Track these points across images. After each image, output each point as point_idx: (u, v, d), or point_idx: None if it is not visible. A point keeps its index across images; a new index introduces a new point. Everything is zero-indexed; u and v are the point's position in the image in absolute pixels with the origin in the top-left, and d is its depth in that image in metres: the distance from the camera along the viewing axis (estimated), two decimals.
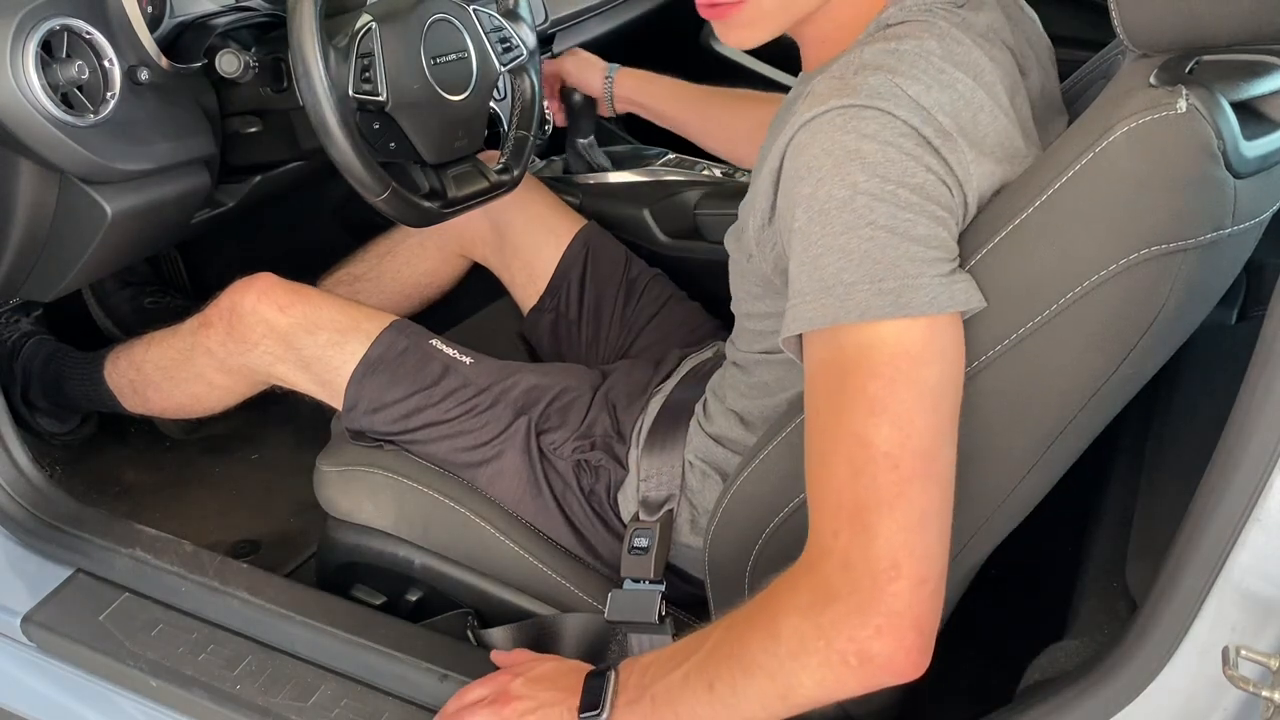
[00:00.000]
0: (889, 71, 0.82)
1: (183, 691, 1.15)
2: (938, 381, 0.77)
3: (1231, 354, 0.87)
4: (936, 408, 0.77)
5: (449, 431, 1.22)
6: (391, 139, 1.26)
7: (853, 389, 0.76)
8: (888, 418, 0.74)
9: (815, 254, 0.80)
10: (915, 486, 0.74)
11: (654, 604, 1.07)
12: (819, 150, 0.80)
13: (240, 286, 1.31)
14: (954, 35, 0.87)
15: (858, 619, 0.74)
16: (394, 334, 1.27)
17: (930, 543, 0.75)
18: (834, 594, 0.75)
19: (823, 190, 0.79)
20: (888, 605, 0.73)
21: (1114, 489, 1.14)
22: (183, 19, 1.30)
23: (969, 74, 0.85)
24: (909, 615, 0.74)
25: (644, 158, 1.75)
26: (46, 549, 1.28)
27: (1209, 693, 0.79)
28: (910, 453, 0.74)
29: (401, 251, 1.62)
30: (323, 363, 1.27)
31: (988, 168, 0.85)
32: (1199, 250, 0.79)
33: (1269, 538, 0.74)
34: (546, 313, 1.52)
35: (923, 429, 0.75)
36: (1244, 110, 0.79)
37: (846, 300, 0.77)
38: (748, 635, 0.81)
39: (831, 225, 0.79)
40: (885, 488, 0.74)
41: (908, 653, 0.75)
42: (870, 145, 0.79)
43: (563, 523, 1.19)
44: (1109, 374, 0.84)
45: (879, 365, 0.76)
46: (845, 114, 0.80)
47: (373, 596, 1.28)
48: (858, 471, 0.75)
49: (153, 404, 1.49)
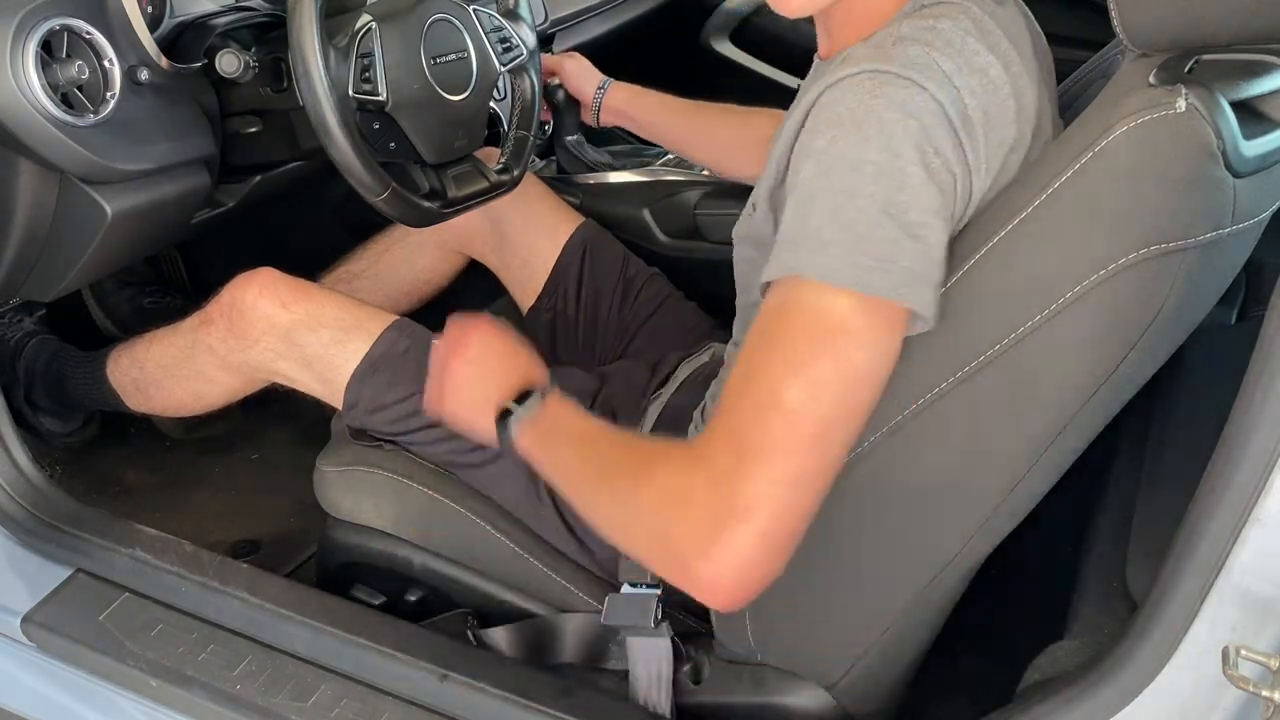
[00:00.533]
0: (926, 45, 0.83)
1: (183, 691, 1.15)
2: (863, 367, 0.79)
3: (1231, 354, 0.87)
4: (852, 391, 0.79)
5: (449, 433, 1.22)
6: (391, 139, 1.26)
7: (786, 340, 0.79)
8: (803, 381, 0.77)
9: (808, 207, 0.81)
10: (802, 449, 0.78)
11: (651, 607, 1.07)
12: (843, 109, 0.81)
13: (241, 282, 1.31)
14: (986, 24, 0.87)
15: (697, 534, 0.78)
16: (396, 333, 1.26)
17: (791, 504, 0.78)
18: (692, 501, 0.79)
19: (835, 148, 0.80)
20: (726, 540, 0.77)
21: (1114, 489, 1.14)
22: (183, 19, 1.30)
23: (1000, 61, 0.86)
24: (738, 559, 0.77)
25: (644, 157, 1.75)
26: (46, 549, 1.28)
27: (1209, 693, 0.79)
28: (810, 419, 0.77)
29: (399, 249, 1.61)
30: (324, 361, 1.27)
31: (1001, 159, 0.85)
32: (1198, 250, 0.79)
33: (1269, 538, 0.74)
34: (544, 312, 1.51)
35: (830, 403, 0.78)
36: (1243, 110, 0.80)
37: (817, 256, 0.79)
38: (629, 462, 0.87)
39: (832, 183, 0.80)
40: (776, 440, 0.77)
41: (719, 588, 0.79)
42: (893, 115, 0.79)
43: (561, 527, 1.19)
44: (1108, 373, 0.83)
45: (817, 330, 0.78)
46: (876, 79, 0.81)
47: (373, 596, 1.28)
48: (759, 414, 0.78)
49: (155, 402, 1.49)
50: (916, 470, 0.91)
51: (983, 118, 0.83)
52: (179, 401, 1.46)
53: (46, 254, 1.28)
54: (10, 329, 1.64)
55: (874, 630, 1.00)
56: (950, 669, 1.19)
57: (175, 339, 1.41)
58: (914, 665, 1.08)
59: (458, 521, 1.21)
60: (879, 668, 1.03)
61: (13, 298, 1.38)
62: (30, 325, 1.65)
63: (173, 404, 1.47)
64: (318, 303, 1.29)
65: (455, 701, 1.07)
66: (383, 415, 1.24)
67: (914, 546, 0.96)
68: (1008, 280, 0.83)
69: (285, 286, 1.30)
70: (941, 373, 0.86)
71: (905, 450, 0.90)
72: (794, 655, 1.05)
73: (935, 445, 0.89)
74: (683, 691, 1.09)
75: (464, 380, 1.05)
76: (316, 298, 1.30)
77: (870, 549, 0.97)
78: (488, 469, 1.21)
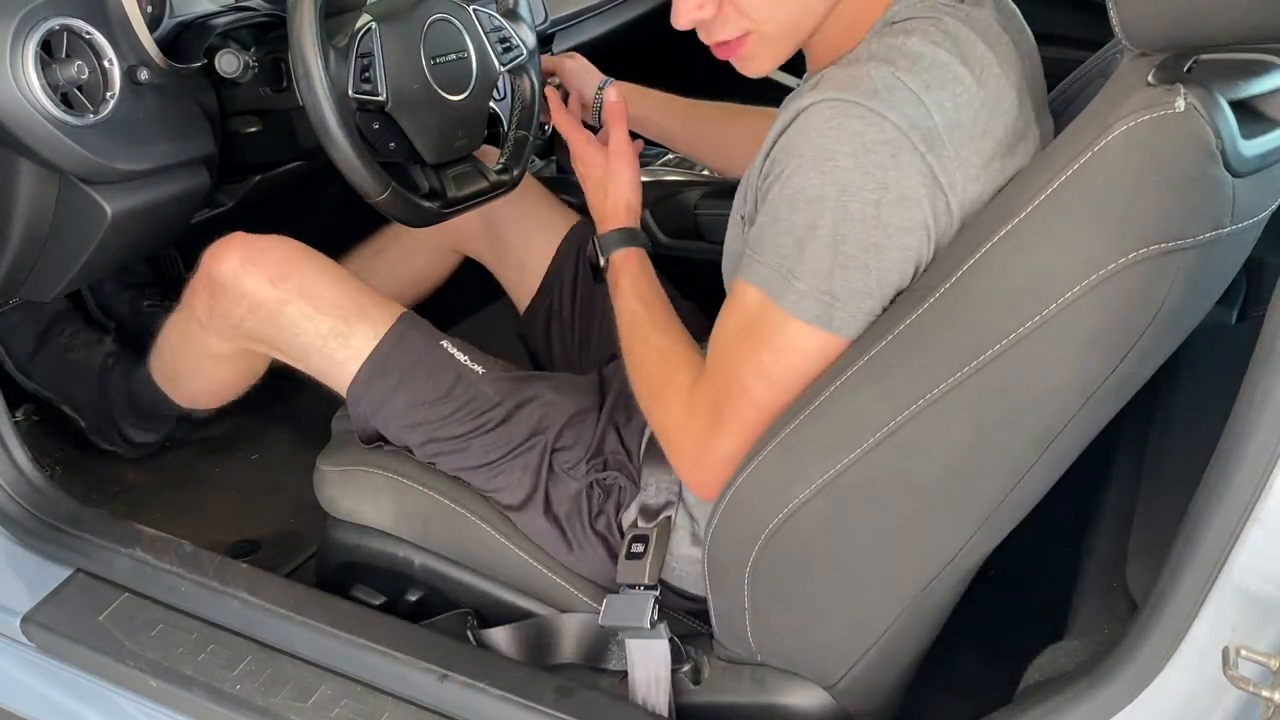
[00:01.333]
0: (890, 64, 0.84)
1: (183, 691, 1.15)
2: (812, 369, 0.93)
3: (1231, 354, 0.87)
4: (801, 383, 0.94)
5: (454, 447, 1.20)
6: (391, 139, 1.26)
7: (753, 345, 0.94)
8: (767, 381, 0.94)
9: (777, 230, 0.89)
10: (760, 421, 0.96)
11: (647, 608, 1.07)
12: (804, 139, 0.86)
13: (217, 251, 1.21)
14: (959, 32, 0.87)
15: (685, 454, 1.02)
16: (404, 329, 1.21)
17: (736, 460, 0.98)
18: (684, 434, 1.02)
19: (797, 179, 0.86)
20: (705, 471, 1.01)
21: (1114, 489, 1.14)
22: (183, 19, 1.30)
23: (973, 70, 0.86)
24: (713, 481, 1.01)
25: (644, 157, 1.75)
26: (46, 549, 1.28)
27: (1209, 693, 0.79)
28: (767, 405, 0.95)
29: (394, 249, 1.59)
30: (324, 355, 1.20)
31: (980, 167, 0.85)
32: (1197, 249, 0.79)
33: (1269, 538, 0.74)
34: (540, 311, 1.50)
35: (785, 391, 0.94)
36: (1242, 109, 0.80)
37: (787, 288, 0.89)
38: (656, 366, 1.08)
39: (797, 214, 0.87)
40: (743, 417, 0.96)
41: (692, 485, 1.05)
42: (848, 148, 0.83)
43: (559, 538, 1.18)
44: (1108, 373, 0.83)
45: (781, 347, 0.92)
46: (836, 108, 0.84)
47: (373, 596, 1.28)
48: (731, 395, 0.97)
49: (185, 392, 1.45)
50: (916, 470, 0.91)
51: (953, 132, 0.85)
52: (201, 388, 1.43)
53: (46, 254, 1.28)
54: (93, 349, 1.63)
55: (874, 630, 1.00)
56: (950, 669, 1.19)
57: (176, 320, 1.39)
58: (914, 666, 1.08)
59: (458, 521, 1.21)
60: (879, 668, 1.03)
61: (13, 298, 1.38)
62: (111, 346, 1.64)
63: (199, 391, 1.44)
64: (312, 280, 1.20)
65: (455, 701, 1.07)
66: (389, 423, 1.21)
67: (914, 546, 0.96)
68: (1007, 280, 0.83)
69: (273, 257, 1.20)
70: (941, 373, 0.86)
71: (905, 450, 0.90)
72: (794, 655, 1.05)
73: (935, 445, 0.89)
74: (683, 692, 1.09)
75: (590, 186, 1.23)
76: (310, 274, 1.21)
77: (870, 549, 0.97)
78: (491, 479, 1.20)
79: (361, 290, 1.24)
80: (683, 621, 1.14)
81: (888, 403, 0.88)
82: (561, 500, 1.18)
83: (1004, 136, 0.89)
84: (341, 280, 1.23)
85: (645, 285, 1.16)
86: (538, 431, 1.19)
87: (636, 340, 1.12)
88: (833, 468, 0.92)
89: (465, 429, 1.19)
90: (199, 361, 1.38)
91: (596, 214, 1.23)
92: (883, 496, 0.93)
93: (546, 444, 1.18)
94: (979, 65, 0.87)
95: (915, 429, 0.88)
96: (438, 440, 1.20)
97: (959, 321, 0.85)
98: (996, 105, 0.88)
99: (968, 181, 0.86)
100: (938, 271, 0.87)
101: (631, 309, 1.14)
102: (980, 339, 0.84)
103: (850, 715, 1.05)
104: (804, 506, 0.94)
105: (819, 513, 0.94)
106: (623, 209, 1.21)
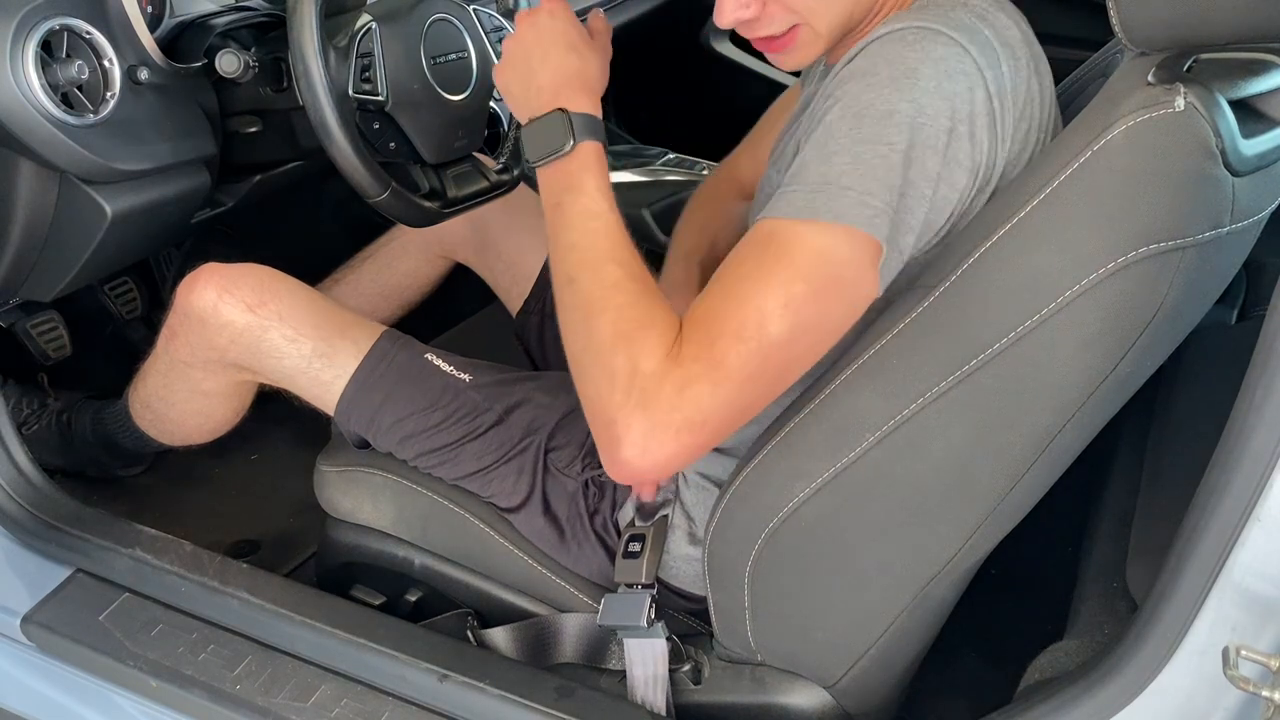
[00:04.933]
0: (969, 10, 0.85)
1: (183, 691, 1.15)
2: (840, 316, 0.83)
3: (1231, 354, 0.87)
4: (829, 338, 0.83)
5: (448, 456, 1.20)
6: (391, 139, 1.26)
7: (782, 275, 0.80)
8: (791, 319, 0.80)
9: (831, 150, 0.81)
10: (765, 378, 0.81)
11: (645, 607, 1.07)
12: (881, 58, 0.82)
13: (191, 284, 1.18)
14: (990, 15, 0.89)
15: (644, 426, 0.80)
16: (387, 345, 1.22)
17: (729, 424, 0.82)
18: (657, 397, 0.80)
19: (867, 95, 0.81)
20: (671, 440, 0.80)
21: (1114, 489, 1.14)
22: (183, 19, 1.31)
23: (1012, 51, 0.88)
24: (666, 459, 0.81)
25: (644, 157, 1.75)
26: (46, 549, 1.28)
27: (1209, 693, 0.79)
28: (785, 355, 0.81)
29: (381, 254, 1.58)
30: (309, 377, 1.20)
31: (1025, 135, 0.87)
32: (1197, 248, 0.79)
33: (1269, 538, 0.74)
34: (533, 315, 1.49)
35: (807, 345, 0.82)
36: (1242, 108, 0.80)
37: (833, 201, 0.80)
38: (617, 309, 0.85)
39: (860, 131, 0.80)
40: (747, 366, 0.80)
41: (630, 473, 0.82)
42: (930, 70, 0.81)
43: (558, 538, 1.18)
44: (1107, 372, 0.83)
45: (815, 273, 0.80)
46: (920, 34, 0.82)
47: (372, 596, 1.28)
48: (740, 337, 0.80)
49: (179, 434, 1.42)
50: (917, 469, 0.91)
51: (1014, 91, 0.85)
52: (195, 427, 1.40)
53: (46, 254, 1.28)
54: (43, 417, 1.58)
55: (874, 630, 1.00)
56: (950, 669, 1.19)
57: (156, 365, 1.35)
58: (914, 665, 1.08)
59: (457, 522, 1.21)
60: (879, 667, 1.03)
61: (12, 298, 1.38)
62: (57, 405, 1.60)
63: (193, 431, 1.41)
64: (289, 304, 1.19)
65: (455, 701, 1.07)
66: (379, 436, 1.21)
67: (914, 546, 0.96)
68: (1007, 279, 0.83)
69: (248, 284, 1.17)
70: (942, 371, 0.86)
71: (906, 449, 0.90)
72: (794, 655, 1.05)
73: (935, 444, 0.89)
74: (683, 691, 1.09)
75: (518, 48, 0.98)
76: (286, 298, 1.19)
77: (871, 548, 0.97)
78: (486, 484, 1.20)
79: (339, 311, 1.24)
80: (683, 621, 1.14)
81: (888, 401, 0.88)
82: (559, 500, 1.18)
83: (1043, 112, 0.90)
84: (317, 302, 1.23)
85: (612, 194, 0.93)
86: (530, 433, 1.19)
87: (605, 259, 0.88)
88: (833, 466, 0.92)
89: (456, 436, 1.19)
90: (189, 401, 1.35)
91: (556, 83, 0.95)
92: (883, 495, 0.93)
93: (540, 445, 1.19)
94: (1010, 48, 0.88)
95: (915, 428, 0.88)
96: (431, 451, 1.20)
97: (959, 320, 0.85)
98: (1041, 80, 0.90)
99: (1017, 144, 0.87)
100: (938, 270, 0.87)
101: (603, 217, 0.90)
102: (980, 337, 0.84)
103: (850, 715, 1.05)
104: (804, 505, 0.94)
105: (819, 512, 0.94)
106: (595, 85, 0.98)
